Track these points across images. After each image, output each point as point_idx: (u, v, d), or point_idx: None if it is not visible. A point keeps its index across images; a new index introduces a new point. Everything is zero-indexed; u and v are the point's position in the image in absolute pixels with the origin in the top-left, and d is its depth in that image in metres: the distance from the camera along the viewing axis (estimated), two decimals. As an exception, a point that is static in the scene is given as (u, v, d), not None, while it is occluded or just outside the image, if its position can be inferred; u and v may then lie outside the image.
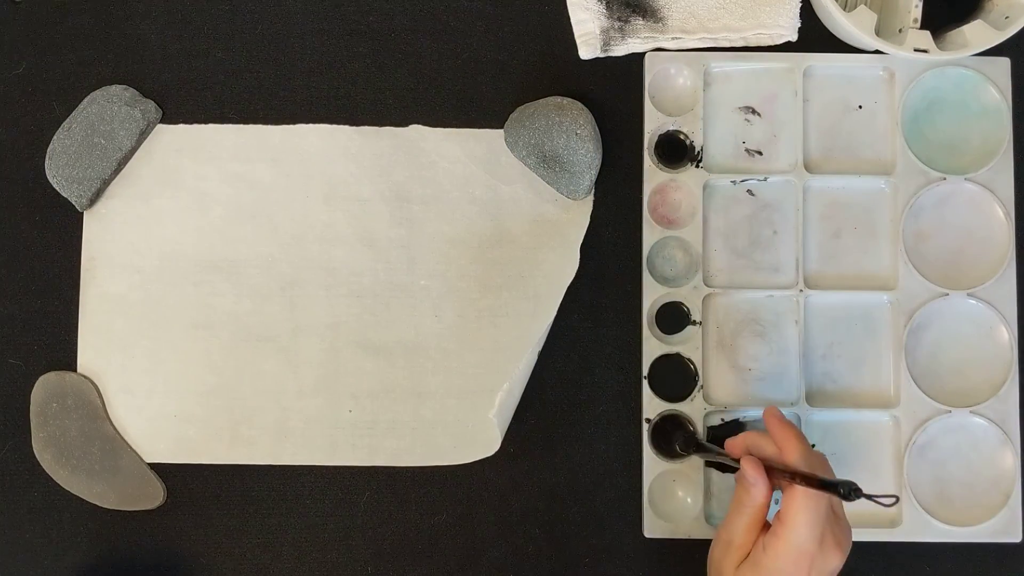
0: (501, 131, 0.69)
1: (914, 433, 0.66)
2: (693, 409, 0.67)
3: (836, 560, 0.56)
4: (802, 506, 0.54)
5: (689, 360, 0.67)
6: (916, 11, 0.64)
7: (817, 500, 0.54)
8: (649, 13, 0.68)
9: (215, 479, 0.67)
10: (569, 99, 0.67)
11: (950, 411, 0.66)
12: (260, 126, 0.69)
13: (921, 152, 0.68)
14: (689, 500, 0.66)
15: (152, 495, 0.67)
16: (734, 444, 0.60)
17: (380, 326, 0.68)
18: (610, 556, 0.67)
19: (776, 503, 0.58)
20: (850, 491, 0.52)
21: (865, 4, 0.67)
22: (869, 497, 0.52)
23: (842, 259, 0.68)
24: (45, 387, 0.67)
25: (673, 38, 0.68)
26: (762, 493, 0.57)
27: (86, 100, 0.68)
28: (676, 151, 0.68)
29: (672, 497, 0.67)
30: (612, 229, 0.69)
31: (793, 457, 0.56)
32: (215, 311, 0.68)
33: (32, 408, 0.67)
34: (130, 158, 0.69)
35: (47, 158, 0.68)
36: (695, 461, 0.66)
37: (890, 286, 0.68)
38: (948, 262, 0.68)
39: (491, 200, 0.69)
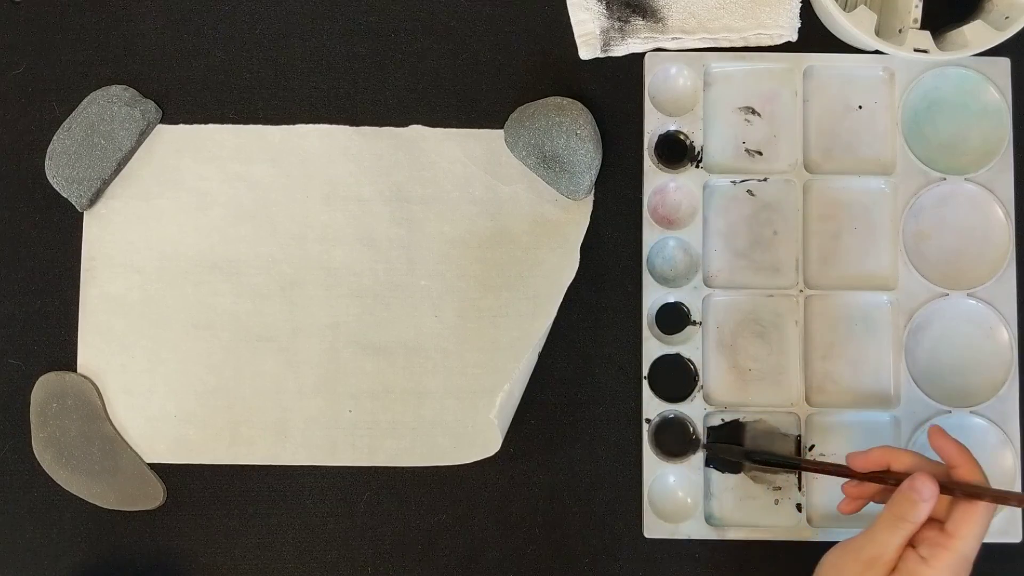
0: (501, 131, 0.69)
1: (914, 433, 0.66)
2: (693, 409, 0.67)
3: None
4: (978, 518, 0.54)
5: (689, 360, 0.67)
6: (916, 11, 0.64)
7: (990, 512, 0.54)
8: (649, 13, 0.68)
9: (215, 479, 0.67)
10: (569, 99, 0.67)
11: (950, 411, 0.66)
12: (260, 126, 0.69)
13: (921, 152, 0.68)
14: (689, 500, 0.66)
15: (152, 495, 0.67)
16: (866, 460, 0.59)
17: (380, 326, 0.68)
18: (610, 556, 0.67)
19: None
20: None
21: (865, 4, 0.67)
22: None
23: (842, 259, 0.68)
24: (45, 387, 0.67)
25: (673, 38, 0.68)
26: (929, 510, 0.55)
27: (86, 100, 0.68)
28: (676, 151, 0.68)
29: (672, 497, 0.67)
30: (612, 229, 0.69)
31: (975, 474, 0.56)
32: (215, 311, 0.68)
33: (32, 408, 0.67)
34: (130, 158, 0.69)
35: (47, 158, 0.68)
36: (695, 461, 0.66)
37: (890, 286, 0.68)
38: (948, 262, 0.68)
39: (491, 200, 0.69)
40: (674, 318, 0.68)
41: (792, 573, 0.61)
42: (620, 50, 0.68)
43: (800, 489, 0.66)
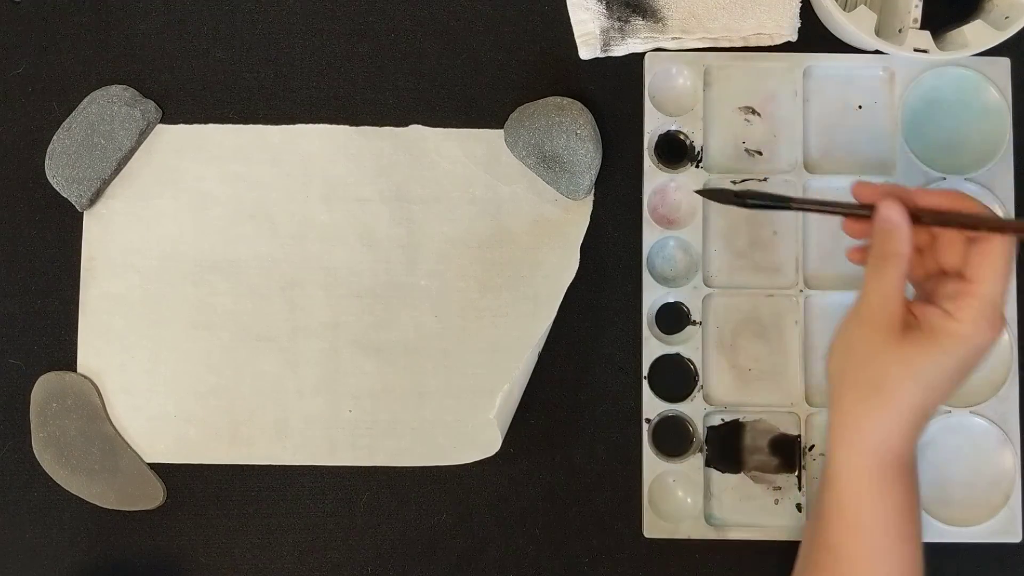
0: (501, 131, 0.69)
1: (914, 433, 0.66)
2: (693, 409, 0.67)
3: (1003, 324, 0.51)
4: (997, 253, 0.50)
5: (689, 360, 0.67)
6: (916, 11, 0.64)
7: (1007, 248, 0.50)
8: (649, 13, 0.68)
9: (215, 479, 0.67)
10: (569, 99, 0.67)
11: (950, 411, 0.66)
12: (260, 126, 0.69)
13: (921, 152, 0.68)
14: (689, 500, 0.66)
15: (152, 495, 0.67)
16: (873, 190, 0.53)
17: (380, 326, 0.68)
18: (610, 556, 0.67)
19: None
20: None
21: (865, 4, 0.67)
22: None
23: (842, 259, 0.68)
24: (45, 387, 0.67)
25: (673, 38, 0.68)
26: (906, 239, 0.51)
27: (86, 100, 0.68)
28: (676, 151, 0.68)
29: (672, 497, 0.67)
30: (612, 229, 0.69)
31: (975, 207, 0.51)
32: (215, 311, 0.68)
33: (32, 408, 0.67)
34: (130, 158, 0.69)
35: (47, 158, 0.68)
36: (695, 461, 0.66)
37: (890, 286, 0.67)
38: (948, 262, 0.68)
39: (491, 200, 0.69)
40: (674, 318, 0.68)
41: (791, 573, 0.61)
42: (620, 50, 0.68)
43: (800, 489, 0.66)
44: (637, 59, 0.69)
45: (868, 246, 0.54)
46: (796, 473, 0.67)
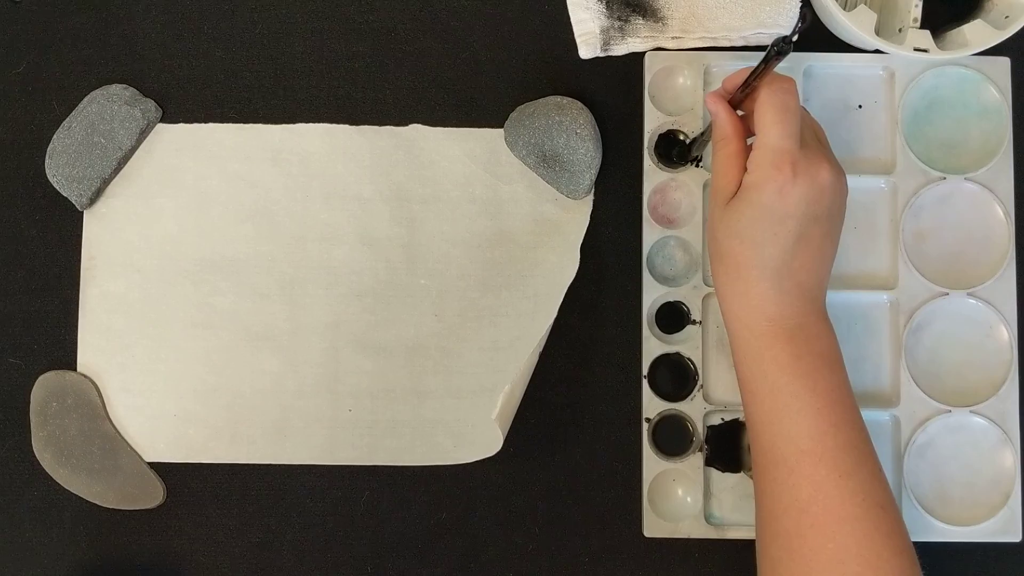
0: (501, 131, 0.69)
1: (914, 433, 0.66)
2: (693, 408, 0.67)
3: (826, 172, 0.54)
4: (765, 104, 0.54)
5: (689, 360, 0.67)
6: (916, 11, 0.64)
7: (780, 95, 0.54)
8: (649, 13, 0.68)
9: (215, 478, 0.67)
10: (569, 99, 0.67)
11: (950, 411, 0.66)
12: (260, 126, 0.69)
13: (921, 152, 0.68)
14: (689, 500, 0.66)
15: (152, 494, 0.67)
16: (711, 98, 0.59)
17: (380, 326, 0.68)
18: (610, 556, 0.67)
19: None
20: (782, 44, 0.50)
21: (865, 3, 0.67)
22: (796, 31, 0.50)
23: (842, 258, 0.68)
24: (45, 386, 0.67)
25: (673, 38, 0.68)
26: (724, 120, 0.57)
27: (86, 99, 0.68)
28: (676, 150, 0.68)
29: (672, 497, 0.67)
30: (612, 229, 0.69)
31: (744, 75, 0.56)
32: (215, 310, 0.68)
33: (32, 407, 0.67)
34: (130, 157, 0.69)
35: (47, 157, 0.68)
36: (695, 461, 0.66)
37: (890, 286, 0.67)
38: (948, 262, 0.68)
39: (491, 199, 0.69)
40: (674, 317, 0.68)
41: (792, 572, 0.61)
42: (620, 49, 0.68)
43: (800, 488, 0.66)
44: (637, 59, 0.69)
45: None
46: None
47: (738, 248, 0.55)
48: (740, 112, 0.59)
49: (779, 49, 0.50)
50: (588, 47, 0.69)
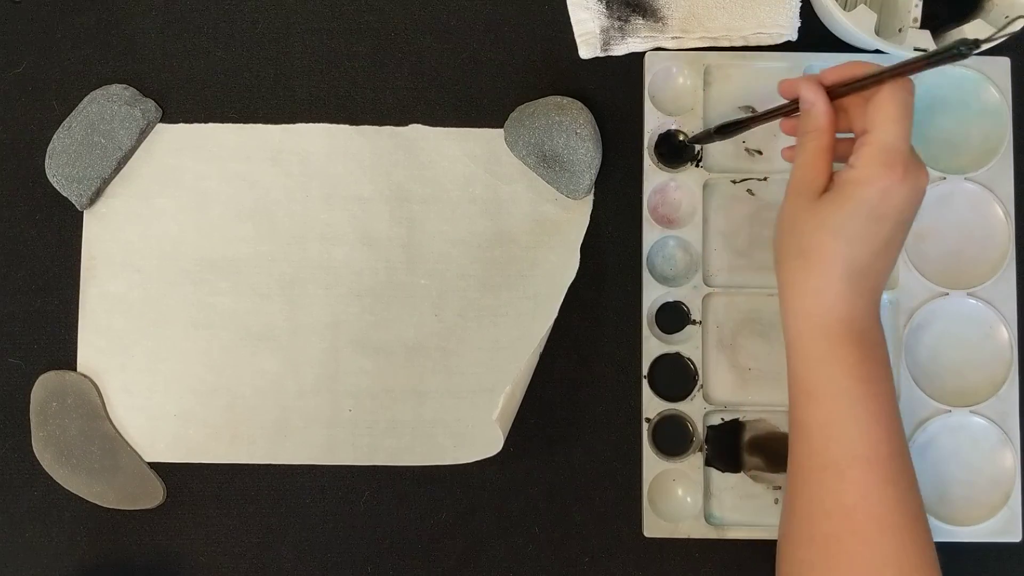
0: (501, 131, 0.69)
1: (914, 433, 0.66)
2: (693, 408, 0.67)
3: (925, 179, 0.53)
4: (888, 102, 0.52)
5: (689, 360, 0.67)
6: (916, 11, 0.64)
7: (903, 94, 0.52)
8: (649, 13, 0.68)
9: (215, 478, 0.67)
10: (569, 98, 0.67)
11: (950, 411, 0.66)
12: (260, 125, 0.69)
13: (921, 152, 0.67)
14: (689, 500, 0.66)
15: (152, 494, 0.67)
16: (789, 84, 0.58)
17: (380, 326, 0.68)
18: (610, 556, 0.67)
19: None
20: (966, 47, 0.47)
21: (865, 3, 0.67)
22: (988, 40, 0.48)
23: (842, 259, 0.68)
24: (45, 386, 0.67)
25: (673, 38, 0.68)
26: (823, 112, 0.54)
27: (86, 99, 0.68)
28: (676, 151, 0.68)
29: (672, 497, 0.67)
30: (612, 229, 0.69)
31: (850, 70, 0.54)
32: (215, 310, 0.68)
33: (32, 407, 0.67)
34: (130, 157, 0.69)
35: (47, 157, 0.68)
36: (695, 461, 0.66)
37: (890, 285, 0.67)
38: (948, 261, 0.68)
39: (491, 199, 0.69)
40: (674, 317, 0.68)
41: None
42: (620, 49, 0.68)
43: (800, 488, 0.66)
44: (637, 58, 0.69)
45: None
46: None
47: (829, 243, 0.53)
48: None
49: (961, 52, 0.48)
50: (588, 47, 0.69)
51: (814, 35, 0.69)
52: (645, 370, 0.67)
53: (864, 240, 0.53)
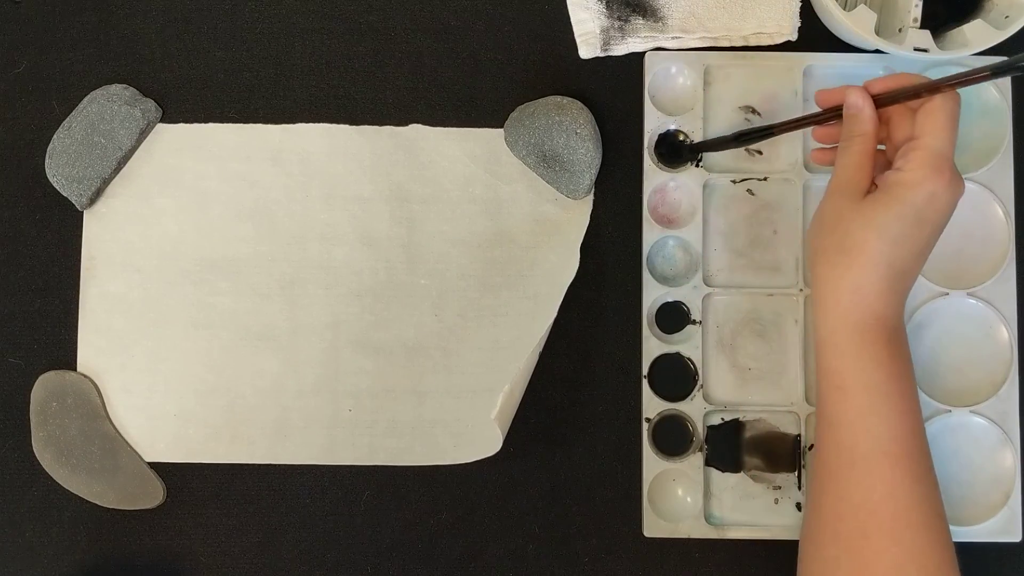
0: (501, 130, 0.69)
1: (914, 433, 0.66)
2: (693, 408, 0.67)
3: (963, 188, 0.55)
4: (940, 110, 0.54)
5: (689, 360, 0.67)
6: (916, 10, 0.64)
7: (953, 104, 0.55)
8: (649, 13, 0.68)
9: (215, 478, 0.67)
10: (569, 98, 0.67)
11: (950, 411, 0.66)
12: (260, 125, 0.69)
13: (921, 152, 0.68)
14: (689, 500, 0.66)
15: (152, 494, 0.67)
16: (830, 94, 0.60)
17: (380, 325, 0.68)
18: (610, 556, 0.67)
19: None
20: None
21: (865, 3, 0.67)
22: None
23: (842, 259, 0.68)
24: (45, 386, 0.67)
25: (673, 38, 0.68)
26: (870, 117, 0.56)
27: (86, 99, 0.68)
28: (676, 151, 0.68)
29: (672, 497, 0.67)
30: (612, 229, 0.69)
31: (899, 80, 0.57)
32: (215, 310, 0.68)
33: (32, 407, 0.67)
34: (130, 157, 0.69)
35: (47, 157, 0.68)
36: (695, 461, 0.66)
37: (890, 286, 0.67)
38: (948, 261, 0.68)
39: (491, 199, 0.69)
40: (674, 317, 0.68)
41: (792, 573, 0.61)
42: (620, 49, 0.68)
43: (800, 488, 0.66)
44: (637, 58, 0.69)
45: (832, 148, 0.61)
46: (796, 472, 0.67)
47: (873, 242, 0.54)
48: None
49: (1018, 67, 0.50)
50: (588, 47, 0.69)
51: (814, 35, 0.69)
52: (645, 370, 0.67)
53: (907, 241, 0.55)
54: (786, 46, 0.69)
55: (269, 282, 0.68)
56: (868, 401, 0.55)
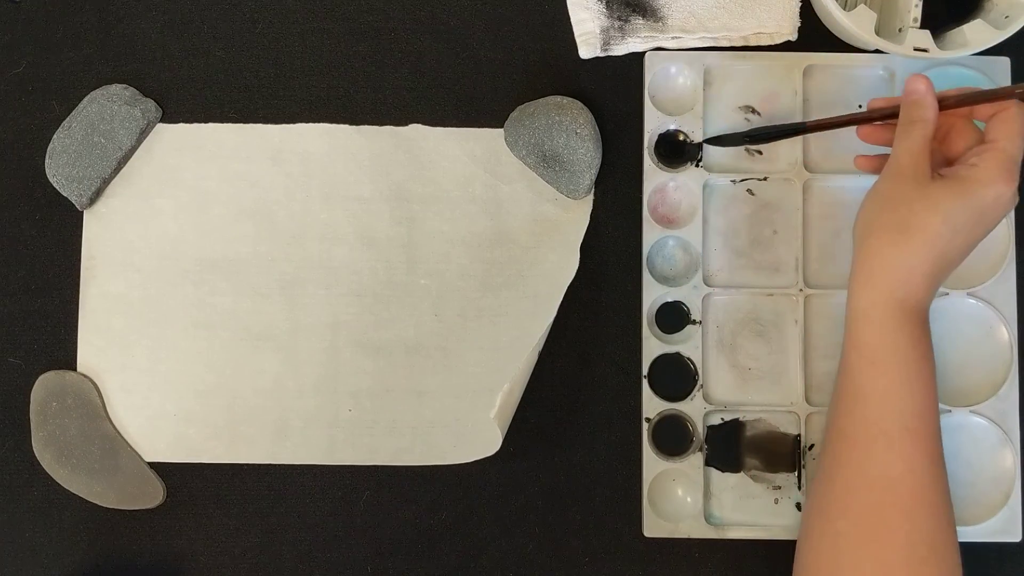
0: (501, 130, 0.69)
1: (914, 433, 0.66)
2: (693, 408, 0.67)
3: (1017, 197, 0.57)
4: (1015, 117, 0.56)
5: (689, 360, 0.67)
6: (916, 10, 0.64)
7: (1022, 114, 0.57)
8: (649, 13, 0.68)
9: (214, 478, 0.67)
10: (569, 98, 0.67)
11: (950, 411, 0.66)
12: (260, 125, 0.69)
13: (921, 152, 0.68)
14: (689, 500, 0.66)
15: (152, 494, 0.67)
16: (888, 102, 0.61)
17: (380, 325, 0.68)
18: (610, 556, 0.67)
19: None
20: None
21: (865, 3, 0.67)
22: None
23: (842, 259, 0.68)
24: (45, 386, 0.67)
25: (673, 37, 0.68)
26: (931, 104, 0.58)
27: (86, 99, 0.68)
28: (676, 150, 0.68)
29: (672, 497, 0.67)
30: (612, 229, 0.69)
31: (960, 94, 0.59)
32: (215, 310, 0.68)
33: (32, 407, 0.67)
34: (130, 157, 0.69)
35: (47, 157, 0.68)
36: (695, 461, 0.66)
37: (890, 285, 0.67)
38: (948, 261, 0.68)
39: (491, 199, 0.69)
40: (674, 317, 0.68)
41: (792, 573, 0.61)
42: (620, 49, 0.68)
43: (800, 488, 0.66)
44: (637, 58, 0.69)
45: (876, 156, 0.63)
46: (796, 472, 0.67)
47: (937, 226, 0.55)
48: None
49: None
50: (588, 47, 0.69)
51: (814, 35, 0.69)
52: (645, 370, 0.67)
53: (965, 233, 0.56)
54: (786, 46, 0.69)
55: (269, 282, 0.68)
56: (900, 377, 0.56)
